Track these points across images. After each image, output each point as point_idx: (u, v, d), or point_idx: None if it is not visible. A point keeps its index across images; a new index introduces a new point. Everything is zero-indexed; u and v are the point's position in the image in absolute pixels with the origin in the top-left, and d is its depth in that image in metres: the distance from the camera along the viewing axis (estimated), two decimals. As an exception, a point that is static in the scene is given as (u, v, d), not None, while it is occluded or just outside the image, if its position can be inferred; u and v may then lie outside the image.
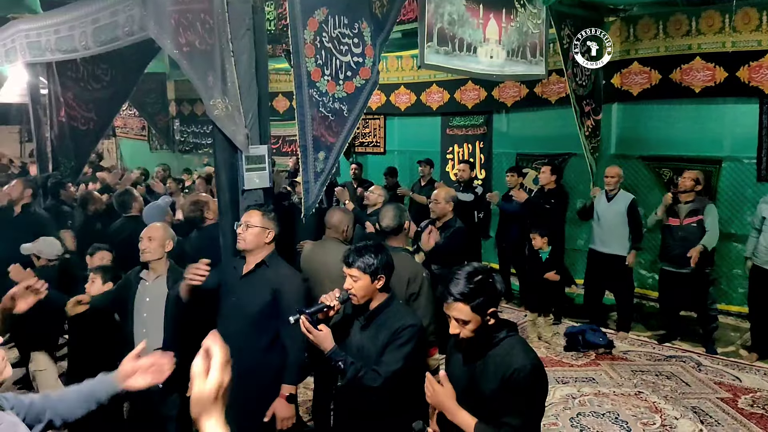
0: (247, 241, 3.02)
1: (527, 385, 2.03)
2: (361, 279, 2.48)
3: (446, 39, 4.60)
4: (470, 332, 2.10)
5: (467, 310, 2.06)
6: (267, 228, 3.06)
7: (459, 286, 2.06)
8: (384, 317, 2.54)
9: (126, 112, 12.39)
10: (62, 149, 7.16)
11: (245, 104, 3.45)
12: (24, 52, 6.10)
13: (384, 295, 2.57)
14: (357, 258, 2.49)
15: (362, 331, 2.56)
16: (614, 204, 5.68)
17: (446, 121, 8.46)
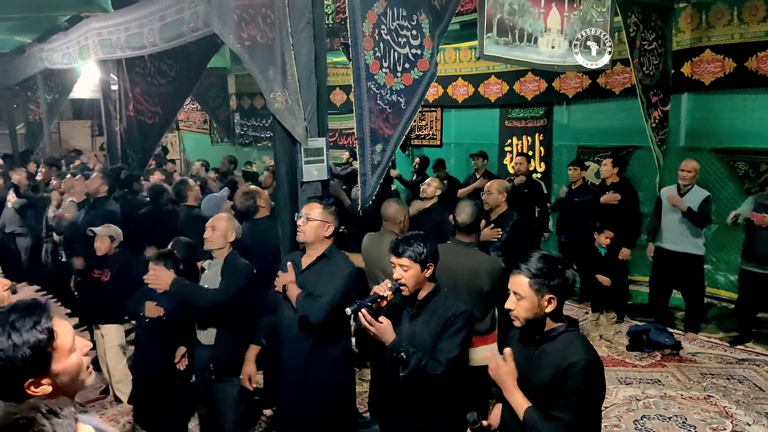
0: (306, 233, 3.05)
1: (581, 381, 1.98)
2: (411, 268, 2.51)
3: (506, 29, 4.52)
4: (524, 312, 2.08)
5: (526, 284, 2.06)
6: (327, 222, 3.07)
7: (528, 261, 2.09)
8: (434, 306, 2.57)
9: (189, 106, 12.76)
10: (130, 142, 7.46)
11: (304, 97, 3.48)
12: (96, 50, 6.36)
13: (431, 284, 2.60)
14: (407, 247, 2.52)
15: (412, 320, 2.59)
16: (687, 200, 5.42)
17: (505, 113, 8.32)
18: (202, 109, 12.18)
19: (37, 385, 1.38)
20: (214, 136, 12.72)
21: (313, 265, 3.09)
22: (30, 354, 1.36)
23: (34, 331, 1.38)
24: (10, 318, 1.39)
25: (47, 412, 0.99)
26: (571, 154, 7.38)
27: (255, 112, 11.62)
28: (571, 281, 2.11)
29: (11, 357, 1.34)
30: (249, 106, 11.78)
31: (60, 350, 1.42)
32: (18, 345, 1.35)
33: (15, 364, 1.35)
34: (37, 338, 1.38)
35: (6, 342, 1.35)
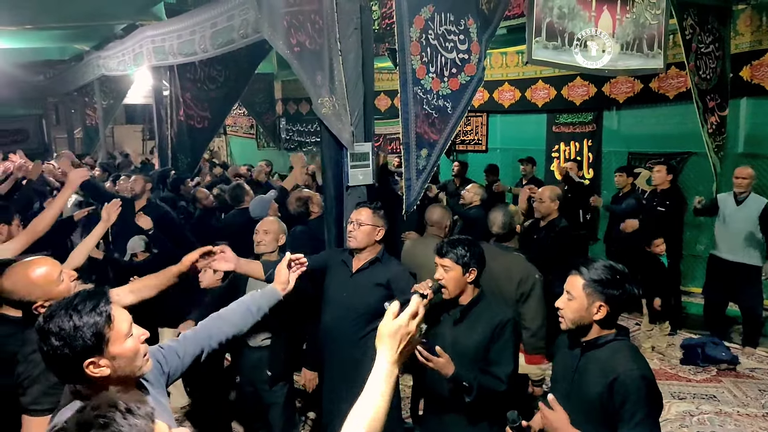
0: (358, 239, 3.02)
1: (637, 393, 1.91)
2: (452, 270, 2.50)
3: (555, 33, 4.43)
4: (571, 313, 2.05)
5: (580, 286, 2.03)
6: (377, 226, 3.06)
7: (590, 265, 2.06)
8: (478, 312, 2.55)
9: (236, 111, 13.01)
10: (180, 146, 7.65)
11: (351, 102, 3.50)
12: (150, 56, 6.56)
13: (475, 289, 2.58)
14: (450, 249, 2.52)
15: (455, 325, 2.57)
16: (744, 208, 5.19)
17: (552, 118, 8.18)
18: (249, 114, 12.40)
19: (96, 366, 1.46)
20: (260, 140, 12.93)
21: (365, 269, 3.06)
22: (89, 334, 1.45)
23: (93, 314, 1.48)
24: (74, 301, 1.50)
25: (125, 410, 1.03)
26: (621, 161, 7.20)
27: (300, 117, 11.76)
28: (629, 296, 2.04)
29: (72, 336, 1.44)
30: (294, 111, 11.93)
31: (117, 334, 1.51)
32: (78, 326, 1.45)
33: (75, 343, 1.44)
34: (95, 320, 1.47)
35: (68, 323, 1.45)
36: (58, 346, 1.44)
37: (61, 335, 1.44)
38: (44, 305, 2.04)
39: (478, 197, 5.31)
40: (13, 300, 2.09)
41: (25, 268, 2.09)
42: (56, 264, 2.16)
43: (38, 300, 2.05)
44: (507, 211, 3.59)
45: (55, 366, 1.48)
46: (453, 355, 2.47)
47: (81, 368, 1.45)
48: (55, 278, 2.10)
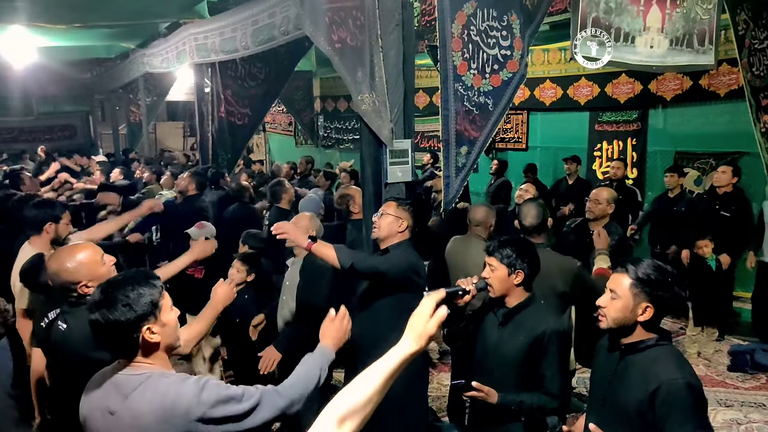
0: (380, 228, 3.07)
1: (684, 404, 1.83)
2: (498, 269, 2.45)
3: (601, 29, 4.32)
4: (614, 312, 1.98)
5: (626, 285, 1.97)
6: (400, 218, 3.07)
7: (638, 264, 1.99)
8: (523, 317, 2.48)
9: (275, 109, 13.11)
10: (221, 142, 7.74)
11: (391, 99, 3.48)
12: (192, 54, 6.66)
13: (524, 293, 2.51)
14: (497, 248, 2.48)
15: (499, 327, 2.52)
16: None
17: (595, 116, 7.99)
18: (288, 112, 12.50)
19: (151, 331, 1.66)
20: (298, 138, 13.02)
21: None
22: (148, 300, 1.68)
23: (149, 285, 1.71)
24: (129, 276, 1.73)
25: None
26: (667, 160, 6.99)
27: (338, 114, 11.79)
28: (677, 299, 1.99)
29: (135, 302, 1.66)
30: (333, 108, 11.97)
31: (165, 304, 1.73)
32: (141, 293, 1.67)
33: (137, 309, 1.66)
34: (151, 290, 1.70)
35: (132, 292, 1.67)
36: (123, 311, 1.63)
37: (126, 302, 1.64)
38: (88, 285, 2.19)
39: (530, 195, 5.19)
40: (58, 282, 2.23)
41: (70, 251, 2.28)
42: (98, 248, 2.33)
43: (83, 280, 2.20)
44: (539, 204, 3.53)
45: (114, 335, 1.65)
46: (495, 358, 2.43)
47: (138, 334, 1.64)
48: (98, 259, 2.28)
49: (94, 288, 2.07)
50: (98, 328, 1.66)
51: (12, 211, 4.02)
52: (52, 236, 3.42)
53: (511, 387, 2.44)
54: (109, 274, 2.22)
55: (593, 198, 4.18)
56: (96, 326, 1.66)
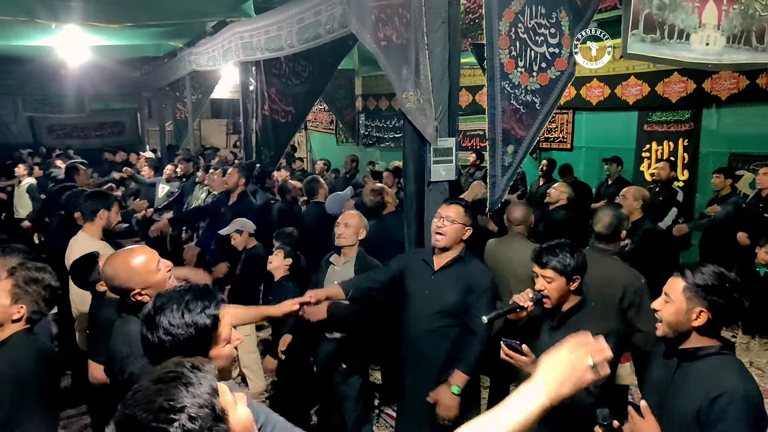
0: (447, 236, 2.93)
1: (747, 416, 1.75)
2: (555, 281, 2.37)
3: (654, 25, 4.20)
4: (668, 316, 1.93)
5: (680, 288, 1.92)
6: (466, 225, 2.98)
7: (696, 268, 1.93)
8: (577, 319, 2.40)
9: (317, 107, 13.21)
10: (264, 140, 7.83)
11: (436, 97, 3.45)
12: (238, 52, 6.75)
13: (577, 297, 2.45)
14: (552, 258, 2.38)
15: (552, 332, 2.45)
16: None
17: (644, 116, 7.76)
18: (329, 110, 12.56)
19: None
20: (339, 136, 13.08)
21: (447, 267, 2.99)
22: (195, 335, 1.49)
23: (203, 315, 1.52)
24: (185, 298, 1.54)
25: (191, 367, 1.10)
26: (720, 162, 6.73)
27: (379, 113, 11.79)
28: (736, 306, 1.89)
29: (179, 335, 1.49)
30: (374, 107, 11.98)
31: (219, 338, 1.56)
32: (188, 324, 1.50)
33: (181, 341, 1.49)
34: (204, 322, 1.51)
35: (179, 319, 1.50)
36: (164, 339, 1.49)
37: (169, 331, 1.49)
38: (141, 293, 2.12)
39: (565, 196, 5.07)
40: (113, 286, 2.19)
41: (125, 256, 2.19)
42: (154, 253, 2.24)
43: (136, 287, 2.12)
44: (617, 213, 3.37)
45: (155, 356, 1.52)
46: None
47: None
48: (153, 267, 2.17)
49: (149, 295, 2.09)
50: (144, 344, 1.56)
51: (68, 203, 4.28)
52: (104, 223, 3.65)
53: None
54: (164, 282, 2.16)
55: (621, 194, 4.38)
56: (143, 341, 1.56)
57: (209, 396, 1.06)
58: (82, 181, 5.71)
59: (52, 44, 8.66)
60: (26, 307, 2.25)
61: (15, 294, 2.24)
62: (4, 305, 2.22)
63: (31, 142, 13.64)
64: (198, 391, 1.05)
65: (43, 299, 2.30)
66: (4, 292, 2.23)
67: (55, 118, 14.41)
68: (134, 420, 1.01)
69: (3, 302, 2.22)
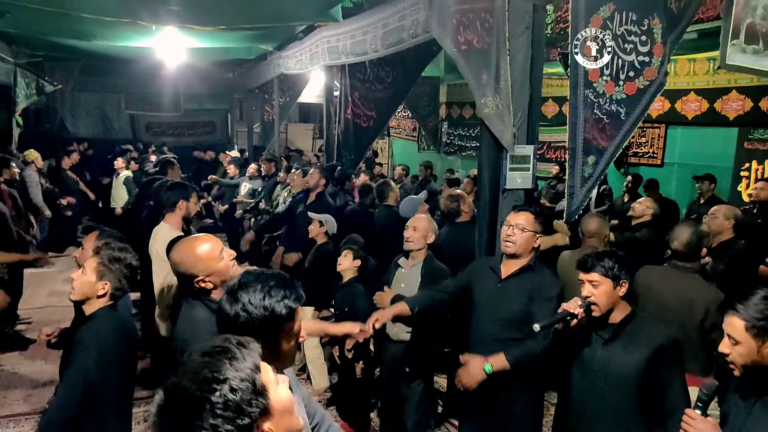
0: (517, 244, 2.88)
1: None
2: (602, 284, 2.33)
3: (757, 36, 3.92)
4: (740, 359, 1.81)
5: (741, 327, 1.79)
6: (537, 233, 2.92)
7: (747, 300, 1.81)
8: (633, 330, 2.35)
9: (400, 114, 13.31)
10: (345, 143, 7.97)
11: (516, 104, 3.39)
12: (324, 56, 6.91)
13: (627, 306, 2.39)
14: (596, 262, 2.36)
15: (606, 345, 2.38)
16: None
17: (745, 132, 7.29)
18: (412, 117, 12.62)
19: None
20: (421, 143, 13.10)
21: (515, 276, 2.92)
22: (268, 319, 1.53)
23: (281, 303, 1.55)
24: (270, 282, 1.58)
25: (237, 343, 1.15)
26: (826, 185, 6.20)
27: (463, 121, 11.72)
28: None
29: (255, 314, 1.53)
30: (458, 115, 11.92)
31: (291, 330, 1.59)
32: (266, 307, 1.53)
33: (254, 321, 1.52)
34: (280, 311, 1.54)
35: (259, 300, 1.54)
36: (240, 315, 1.53)
37: (246, 308, 1.53)
38: (205, 280, 2.21)
39: (650, 211, 4.84)
40: (178, 272, 2.29)
41: (191, 243, 2.30)
42: (218, 242, 2.33)
43: (200, 274, 2.21)
44: (697, 230, 3.20)
45: (226, 328, 1.54)
46: (606, 377, 2.28)
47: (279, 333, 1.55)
48: (216, 255, 2.26)
49: (213, 282, 2.20)
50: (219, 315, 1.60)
51: (156, 194, 4.58)
52: (183, 213, 3.82)
53: (628, 406, 2.30)
54: (227, 270, 2.24)
55: (711, 213, 4.13)
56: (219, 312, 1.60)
57: (251, 371, 1.11)
58: (175, 176, 5.98)
59: (152, 45, 9.15)
60: (110, 283, 2.40)
61: (100, 271, 2.40)
62: (90, 281, 2.39)
63: (130, 138, 14.54)
64: (241, 365, 1.10)
65: (125, 277, 2.46)
66: (91, 269, 2.40)
67: (153, 116, 15.34)
68: (181, 389, 1.07)
69: (90, 279, 2.39)
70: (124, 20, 7.35)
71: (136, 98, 15.00)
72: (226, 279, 2.22)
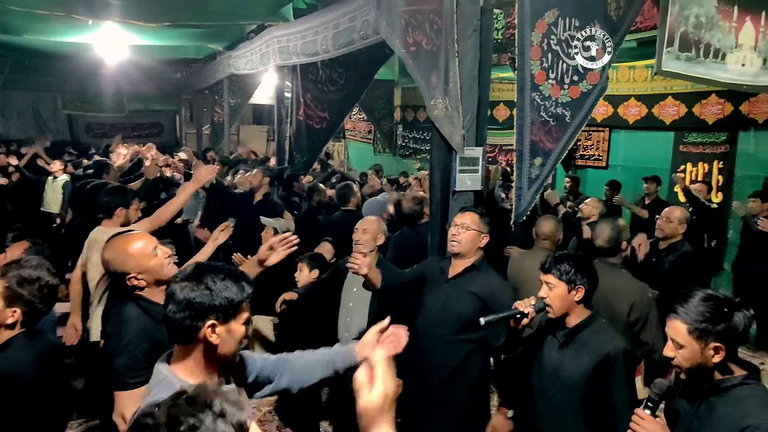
0: (461, 244, 2.92)
1: None
2: (557, 287, 2.34)
3: (690, 44, 4.13)
4: (685, 362, 1.83)
5: (684, 331, 1.81)
6: (482, 232, 2.95)
7: (686, 303, 1.82)
8: (586, 336, 2.35)
9: (355, 117, 13.31)
10: (297, 145, 7.90)
11: (465, 105, 3.44)
12: (275, 56, 6.86)
13: (585, 311, 2.40)
14: (553, 264, 2.36)
15: (560, 349, 2.40)
16: None
17: (680, 136, 7.64)
18: (368, 120, 12.64)
19: (213, 330, 1.56)
20: (377, 146, 13.13)
21: (460, 276, 2.96)
22: (228, 297, 1.57)
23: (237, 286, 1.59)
24: (229, 271, 1.62)
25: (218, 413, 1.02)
26: (755, 186, 6.57)
27: (417, 124, 11.82)
28: (743, 326, 1.79)
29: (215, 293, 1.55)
30: (412, 118, 12.01)
31: (243, 314, 1.61)
32: (227, 287, 1.57)
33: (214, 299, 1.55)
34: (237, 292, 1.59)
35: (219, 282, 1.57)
36: (202, 293, 1.55)
37: (209, 286, 1.55)
38: (137, 277, 2.17)
39: (596, 212, 5.01)
40: (109, 270, 2.23)
41: (123, 240, 2.24)
42: (152, 239, 2.27)
43: (132, 271, 2.17)
44: (615, 225, 3.35)
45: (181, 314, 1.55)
46: (558, 382, 2.32)
47: (201, 325, 1.54)
48: (149, 252, 2.21)
49: (145, 280, 2.15)
50: (171, 300, 1.57)
51: (87, 198, 4.17)
52: (122, 221, 3.49)
53: (574, 411, 2.33)
54: (161, 267, 2.19)
55: (665, 216, 4.14)
56: (170, 298, 1.57)
57: None
58: (112, 179, 5.47)
59: (91, 42, 8.73)
60: (20, 310, 2.09)
61: (8, 297, 2.08)
62: None
63: (68, 139, 13.84)
64: None
65: (41, 298, 2.16)
66: None
67: (93, 117, 14.57)
68: None
69: None
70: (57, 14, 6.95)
71: (75, 97, 14.23)
72: (160, 278, 2.20)
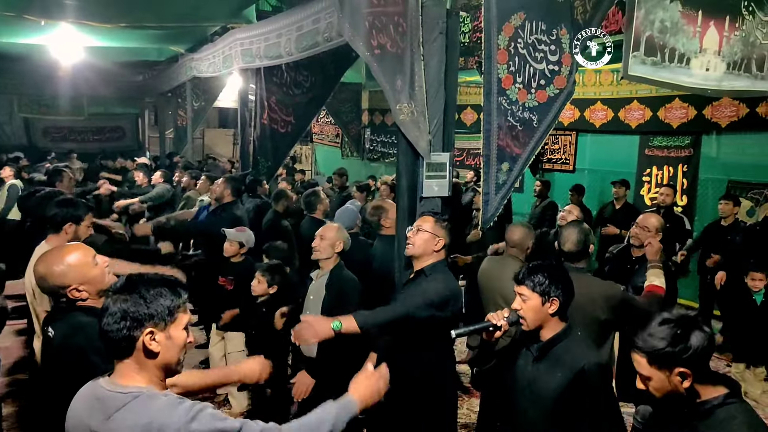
0: (415, 246, 2.91)
1: None
2: (530, 299, 2.26)
3: (655, 48, 4.13)
4: (657, 392, 1.76)
5: (645, 363, 1.75)
6: (437, 236, 2.92)
7: (643, 331, 1.76)
8: (561, 350, 2.27)
9: (323, 120, 13.19)
10: (262, 150, 7.71)
11: (431, 110, 3.37)
12: (238, 59, 6.69)
13: (560, 323, 2.31)
14: (527, 275, 2.28)
15: (534, 363, 2.32)
16: None
17: (646, 140, 7.74)
18: (335, 123, 12.54)
19: (153, 338, 1.55)
20: (344, 149, 13.04)
21: (411, 281, 2.94)
22: (165, 304, 1.57)
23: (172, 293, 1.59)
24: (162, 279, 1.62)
25: None
26: (718, 189, 6.73)
27: (385, 128, 11.77)
28: (702, 345, 1.71)
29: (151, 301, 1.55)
30: (380, 122, 11.96)
31: (181, 320, 1.61)
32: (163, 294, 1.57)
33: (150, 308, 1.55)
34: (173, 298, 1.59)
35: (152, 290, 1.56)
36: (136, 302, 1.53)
37: (143, 294, 1.54)
38: (79, 289, 2.06)
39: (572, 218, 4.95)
40: (45, 287, 2.12)
41: (58, 253, 2.14)
42: (89, 249, 2.18)
43: (72, 283, 2.07)
44: (582, 228, 3.33)
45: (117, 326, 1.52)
46: (530, 396, 2.24)
47: (139, 334, 1.52)
48: (89, 261, 2.12)
49: (87, 291, 2.05)
50: (105, 314, 1.55)
51: (35, 208, 3.87)
52: (70, 237, 3.12)
53: (548, 427, 2.25)
54: (103, 276, 2.12)
55: (641, 224, 3.99)
56: (104, 311, 1.55)
57: None
58: (65, 188, 5.15)
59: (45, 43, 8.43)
60: None
61: None
62: None
63: (25, 144, 13.41)
64: None
65: None
66: None
67: (51, 120, 14.08)
68: None
69: None
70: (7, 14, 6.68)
71: (31, 100, 13.71)
72: (102, 287, 2.10)
